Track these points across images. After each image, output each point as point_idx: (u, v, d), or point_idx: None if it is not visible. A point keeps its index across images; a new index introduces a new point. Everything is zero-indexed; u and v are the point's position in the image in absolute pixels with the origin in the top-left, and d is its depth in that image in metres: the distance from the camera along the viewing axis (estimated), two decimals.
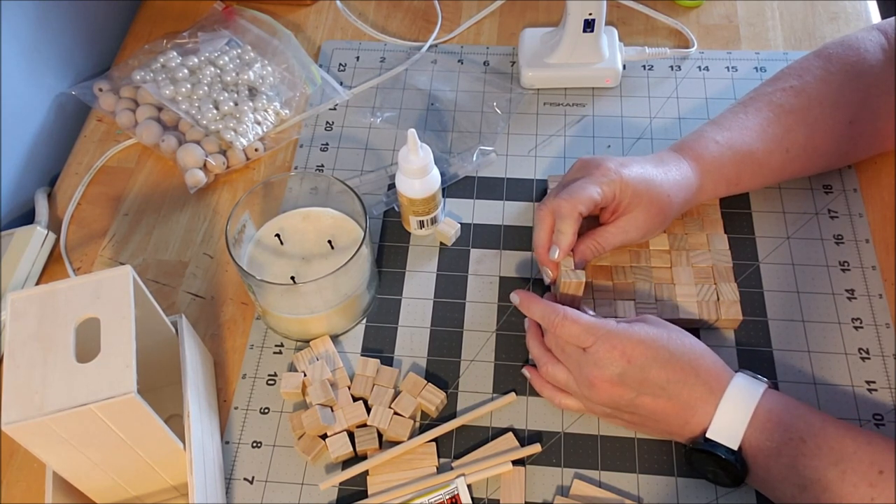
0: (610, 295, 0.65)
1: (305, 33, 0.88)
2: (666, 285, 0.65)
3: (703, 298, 0.64)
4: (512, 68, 0.83)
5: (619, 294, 0.65)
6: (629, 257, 0.66)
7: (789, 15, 0.86)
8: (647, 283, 0.65)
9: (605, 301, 0.64)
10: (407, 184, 0.66)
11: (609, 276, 0.66)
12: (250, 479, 0.60)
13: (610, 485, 0.58)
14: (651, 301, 0.64)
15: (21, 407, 0.45)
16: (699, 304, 0.64)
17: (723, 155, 0.64)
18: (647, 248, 0.67)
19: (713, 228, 0.68)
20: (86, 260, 0.72)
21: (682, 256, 0.66)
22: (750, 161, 0.65)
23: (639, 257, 0.66)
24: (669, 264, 0.66)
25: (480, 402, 0.62)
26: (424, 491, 0.57)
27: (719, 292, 0.64)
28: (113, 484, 0.54)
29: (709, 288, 0.64)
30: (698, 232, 0.68)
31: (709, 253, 0.66)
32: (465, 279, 0.69)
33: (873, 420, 0.60)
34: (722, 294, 0.64)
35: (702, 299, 0.64)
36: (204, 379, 0.60)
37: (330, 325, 0.65)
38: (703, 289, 0.65)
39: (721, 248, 0.67)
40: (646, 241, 0.67)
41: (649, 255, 0.66)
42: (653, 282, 0.65)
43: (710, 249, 0.67)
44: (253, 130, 0.77)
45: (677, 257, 0.66)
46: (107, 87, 0.81)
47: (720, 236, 0.67)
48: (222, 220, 0.74)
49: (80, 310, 0.49)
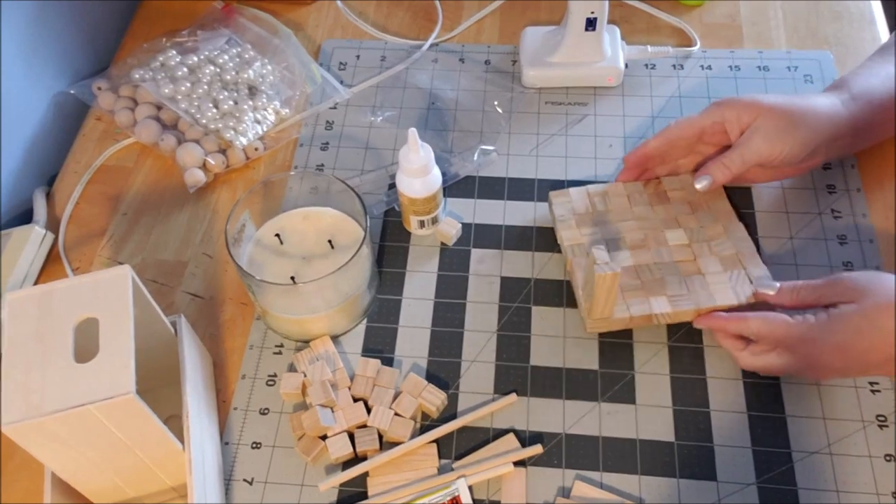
0: (641, 293, 0.63)
1: (306, 32, 0.88)
2: (696, 277, 0.63)
3: (736, 282, 0.62)
4: (513, 67, 0.83)
5: (650, 291, 0.63)
6: (651, 255, 0.65)
7: (792, 14, 0.86)
8: (675, 277, 0.63)
9: (637, 299, 0.62)
10: (407, 183, 0.66)
11: (635, 275, 0.64)
12: (250, 480, 0.59)
13: (611, 486, 0.58)
14: (684, 292, 0.62)
15: (20, 407, 0.45)
16: (733, 288, 0.62)
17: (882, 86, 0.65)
18: (666, 246, 0.65)
19: (727, 219, 0.67)
20: (84, 260, 0.71)
21: (704, 248, 0.65)
22: None
23: (661, 255, 0.65)
24: (693, 256, 0.64)
25: (481, 402, 0.62)
26: (425, 492, 0.57)
27: (750, 275, 0.63)
28: (112, 485, 0.54)
29: (739, 272, 0.63)
30: (713, 224, 0.67)
31: (729, 241, 0.65)
32: (465, 279, 0.68)
33: (876, 420, 0.59)
34: (753, 276, 0.63)
35: (735, 284, 0.62)
36: (203, 379, 0.60)
37: (330, 325, 0.64)
38: (733, 274, 0.63)
39: (740, 235, 0.66)
40: (664, 238, 0.66)
41: (671, 252, 0.65)
42: (681, 275, 0.63)
43: (728, 238, 0.65)
44: (253, 129, 0.76)
45: (699, 249, 0.65)
46: (106, 86, 0.81)
47: (736, 224, 0.66)
48: (222, 219, 0.73)
49: (78, 310, 0.48)
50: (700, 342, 0.64)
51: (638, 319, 0.62)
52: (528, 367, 0.63)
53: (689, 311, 0.61)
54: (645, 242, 0.66)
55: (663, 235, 0.66)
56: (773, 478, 0.57)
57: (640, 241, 0.66)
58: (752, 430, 0.60)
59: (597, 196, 0.69)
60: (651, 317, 0.62)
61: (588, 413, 0.61)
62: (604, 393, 0.62)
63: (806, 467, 0.58)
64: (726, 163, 0.64)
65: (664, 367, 0.63)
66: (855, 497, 0.56)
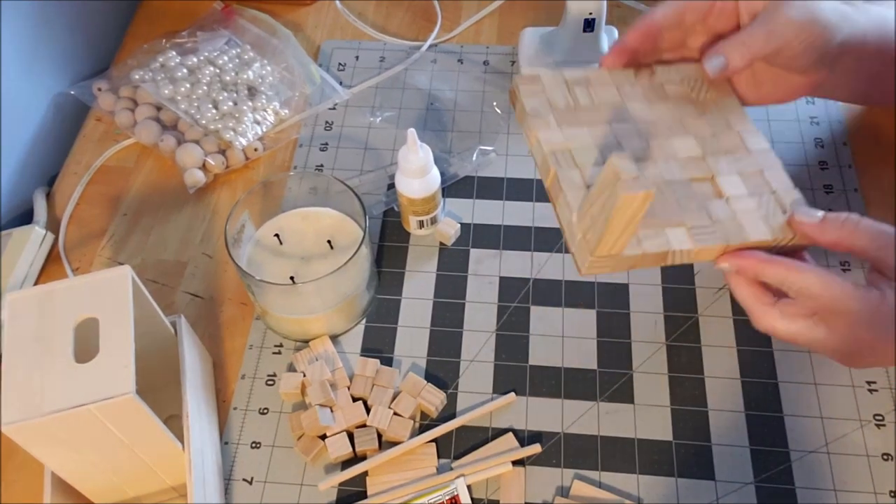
0: (653, 222, 0.47)
1: (305, 33, 0.88)
2: (716, 202, 0.49)
3: (768, 212, 0.48)
4: (512, 68, 0.83)
5: (663, 219, 0.48)
6: (658, 170, 0.50)
7: None
8: (691, 201, 0.48)
9: (649, 231, 0.47)
10: (406, 183, 0.66)
11: None
12: (249, 480, 0.59)
13: (610, 485, 0.58)
14: (706, 223, 0.48)
15: (20, 407, 0.45)
16: (764, 218, 0.48)
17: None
18: (675, 159, 0.51)
19: (741, 124, 0.53)
20: (84, 260, 0.72)
21: (722, 162, 0.51)
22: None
23: (670, 170, 0.50)
24: (709, 174, 0.50)
25: (480, 402, 0.62)
26: (424, 491, 0.57)
27: (781, 200, 0.49)
28: (111, 484, 0.54)
29: (767, 197, 0.49)
30: (727, 131, 0.53)
31: (750, 155, 0.52)
32: (464, 279, 0.69)
33: (874, 420, 0.59)
34: (785, 201, 0.49)
35: (766, 213, 0.48)
36: (203, 379, 0.60)
37: (329, 325, 0.65)
38: (762, 200, 0.49)
39: (761, 147, 0.52)
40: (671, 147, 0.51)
41: (682, 166, 0.50)
42: (698, 198, 0.49)
43: (748, 150, 0.52)
44: (252, 130, 0.77)
45: (716, 164, 0.51)
46: (105, 87, 0.81)
47: (752, 132, 0.53)
48: (221, 219, 0.73)
49: (78, 310, 0.49)
50: (698, 342, 0.64)
51: (651, 257, 0.47)
52: (527, 367, 0.63)
53: (715, 247, 0.47)
54: (648, 153, 0.51)
55: (670, 144, 0.52)
56: (771, 477, 0.58)
57: (642, 150, 0.51)
58: (749, 429, 0.60)
59: (578, 86, 0.54)
60: (667, 254, 0.47)
61: (586, 412, 0.61)
62: (602, 392, 0.62)
63: (804, 466, 0.58)
64: (746, 40, 0.51)
65: (662, 366, 0.63)
66: (853, 496, 0.56)
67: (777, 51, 0.51)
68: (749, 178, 0.50)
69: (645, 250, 0.46)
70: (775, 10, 0.51)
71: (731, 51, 0.51)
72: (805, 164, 0.74)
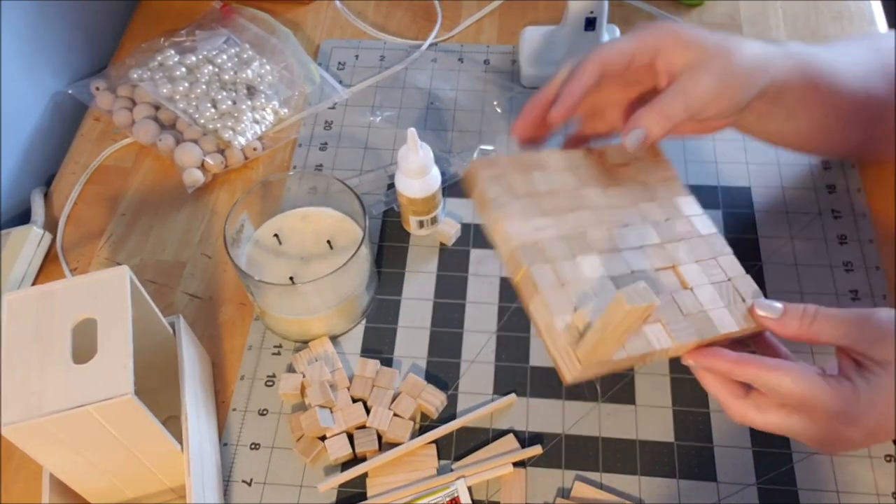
0: None
1: (304, 32, 0.87)
2: (684, 293, 0.48)
3: (729, 301, 0.48)
4: (513, 67, 0.83)
5: None
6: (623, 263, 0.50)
7: (792, 14, 0.86)
8: (662, 294, 0.48)
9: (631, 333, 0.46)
10: (406, 183, 0.66)
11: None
12: (248, 481, 0.59)
13: (611, 486, 0.58)
14: (678, 317, 0.47)
15: (18, 408, 0.44)
16: (728, 308, 0.48)
17: (815, 60, 0.55)
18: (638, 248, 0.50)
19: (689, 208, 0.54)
20: (82, 260, 0.71)
21: (680, 249, 0.51)
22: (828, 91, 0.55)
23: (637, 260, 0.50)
24: (671, 262, 0.50)
25: (481, 403, 0.62)
26: (424, 493, 0.57)
27: (738, 288, 0.49)
28: (110, 486, 0.54)
29: (727, 287, 0.49)
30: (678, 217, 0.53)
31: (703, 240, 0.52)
32: (465, 279, 0.68)
33: None
34: (742, 290, 0.49)
35: (728, 302, 0.48)
36: (202, 380, 0.60)
37: (329, 325, 0.64)
38: (722, 289, 0.49)
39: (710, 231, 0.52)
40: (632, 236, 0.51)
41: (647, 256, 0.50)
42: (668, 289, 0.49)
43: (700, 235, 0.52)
44: (251, 129, 0.76)
45: (675, 251, 0.50)
46: (104, 86, 0.81)
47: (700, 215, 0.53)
48: (220, 219, 0.73)
49: (76, 311, 0.48)
50: None
51: (633, 359, 0.46)
52: (528, 368, 0.63)
53: (691, 343, 0.47)
54: (613, 243, 0.50)
55: (631, 233, 0.51)
56: (773, 478, 0.57)
57: (606, 240, 0.50)
58: (751, 430, 0.59)
59: (536, 171, 0.53)
60: (647, 355, 0.46)
61: (588, 414, 0.61)
62: (603, 393, 0.62)
63: (806, 468, 0.58)
64: (664, 110, 0.50)
65: (663, 367, 0.63)
66: (855, 498, 0.56)
67: (695, 114, 0.51)
68: (707, 267, 0.50)
69: (629, 353, 0.45)
70: (692, 76, 0.51)
71: (650, 123, 0.50)
72: (807, 163, 0.73)
